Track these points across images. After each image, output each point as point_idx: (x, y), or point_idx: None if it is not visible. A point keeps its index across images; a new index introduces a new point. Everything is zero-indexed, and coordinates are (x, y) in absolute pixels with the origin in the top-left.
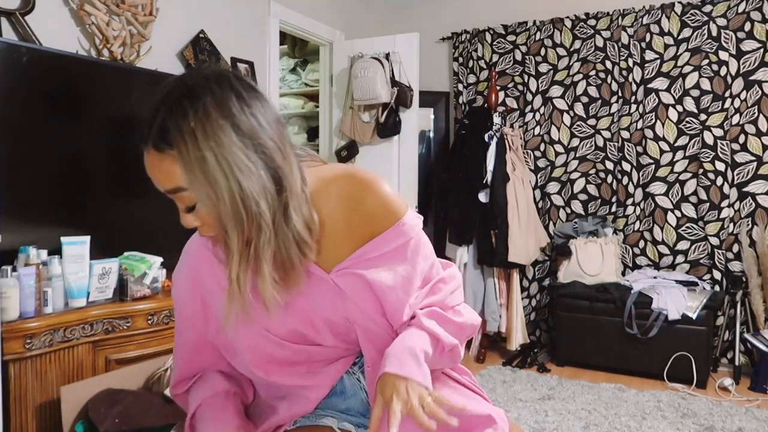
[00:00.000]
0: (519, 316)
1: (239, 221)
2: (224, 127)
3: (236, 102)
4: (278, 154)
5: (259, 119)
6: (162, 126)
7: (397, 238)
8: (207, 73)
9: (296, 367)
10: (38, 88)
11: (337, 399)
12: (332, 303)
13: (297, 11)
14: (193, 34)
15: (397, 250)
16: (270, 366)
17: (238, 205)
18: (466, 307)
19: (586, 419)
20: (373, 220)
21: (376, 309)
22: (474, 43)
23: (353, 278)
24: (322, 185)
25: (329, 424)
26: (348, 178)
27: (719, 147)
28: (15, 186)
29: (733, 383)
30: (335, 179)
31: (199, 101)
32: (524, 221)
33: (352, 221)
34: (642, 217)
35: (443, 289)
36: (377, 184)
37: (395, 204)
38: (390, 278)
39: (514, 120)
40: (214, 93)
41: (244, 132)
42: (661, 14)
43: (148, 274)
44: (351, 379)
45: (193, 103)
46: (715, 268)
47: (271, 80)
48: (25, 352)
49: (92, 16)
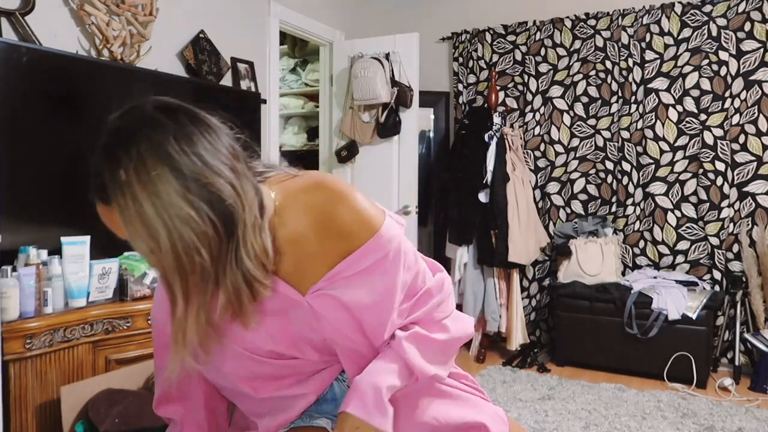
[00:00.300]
0: (519, 316)
1: (182, 272)
2: (162, 175)
3: (175, 143)
4: (228, 188)
5: (204, 156)
6: (100, 181)
7: (375, 252)
8: (144, 112)
9: (283, 380)
10: (38, 88)
11: (328, 405)
12: (309, 325)
13: (297, 11)
14: (193, 34)
15: (375, 265)
16: (256, 383)
17: (180, 257)
18: (457, 315)
19: (586, 419)
20: (347, 235)
21: (354, 329)
22: (474, 43)
23: (328, 300)
24: (290, 200)
25: (323, 425)
26: (316, 189)
27: (719, 147)
28: (15, 186)
29: (733, 383)
30: (303, 191)
31: (133, 149)
32: (524, 221)
33: (325, 237)
34: (642, 217)
35: (429, 302)
36: (349, 195)
37: (370, 216)
38: (368, 297)
39: (514, 120)
40: (150, 137)
41: (185, 175)
42: (661, 14)
43: (148, 274)
44: (341, 386)
45: (127, 151)
46: (715, 268)
47: (271, 80)
48: (25, 352)
49: (92, 16)
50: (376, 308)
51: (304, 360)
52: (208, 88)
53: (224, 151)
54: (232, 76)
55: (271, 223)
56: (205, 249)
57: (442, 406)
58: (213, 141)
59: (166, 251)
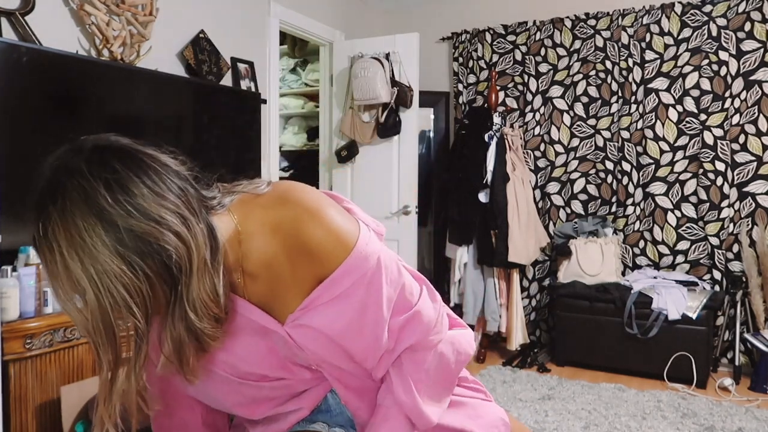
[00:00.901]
0: (519, 316)
1: (109, 335)
2: (91, 228)
3: (108, 193)
4: (170, 237)
5: (143, 205)
6: (35, 233)
7: (351, 274)
8: (78, 157)
9: (277, 399)
10: (38, 88)
11: (323, 416)
12: (293, 353)
13: (297, 11)
14: (193, 34)
15: (354, 287)
16: (252, 406)
17: (108, 317)
18: (454, 336)
19: (586, 419)
20: (318, 256)
21: (340, 356)
22: (474, 43)
23: (306, 330)
24: (255, 223)
25: (319, 430)
26: (281, 205)
27: (719, 147)
28: (15, 186)
29: (733, 383)
30: (267, 209)
31: (59, 201)
32: (524, 221)
33: (297, 259)
34: (642, 217)
35: (422, 324)
36: (318, 211)
37: (342, 232)
38: (350, 323)
39: (514, 120)
40: (81, 186)
41: (118, 227)
42: (661, 14)
43: None
44: (335, 398)
45: (54, 203)
46: (715, 268)
47: (271, 80)
48: (25, 352)
49: (92, 16)
50: (359, 334)
51: (295, 380)
52: (208, 88)
53: (170, 195)
54: (232, 76)
55: (236, 254)
56: (139, 308)
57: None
58: (155, 185)
59: (93, 310)
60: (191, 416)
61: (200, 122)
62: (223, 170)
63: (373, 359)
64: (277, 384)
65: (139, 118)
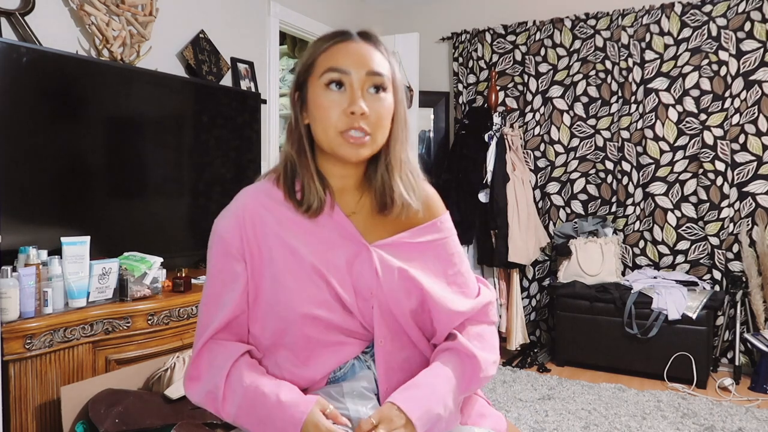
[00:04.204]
0: (519, 316)
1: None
2: None
3: None
4: None
5: None
6: None
7: (434, 233)
8: None
9: (331, 331)
10: (38, 88)
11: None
12: (365, 282)
13: (297, 11)
14: (193, 34)
15: (433, 244)
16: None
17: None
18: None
19: (586, 419)
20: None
21: (407, 296)
22: (474, 43)
23: (387, 258)
24: None
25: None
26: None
27: (719, 147)
28: (15, 186)
29: (733, 383)
30: None
31: None
32: (524, 221)
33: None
34: (642, 217)
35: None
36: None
37: (436, 202)
38: (420, 269)
39: (514, 120)
40: None
41: None
42: (661, 14)
43: (148, 274)
44: (361, 365)
45: None
46: (715, 268)
47: (271, 80)
48: (25, 353)
49: (92, 17)
50: (441, 302)
51: (348, 317)
52: (208, 88)
53: None
54: (232, 76)
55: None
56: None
57: None
58: None
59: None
60: None
61: (200, 122)
62: (223, 170)
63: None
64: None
65: (139, 118)
